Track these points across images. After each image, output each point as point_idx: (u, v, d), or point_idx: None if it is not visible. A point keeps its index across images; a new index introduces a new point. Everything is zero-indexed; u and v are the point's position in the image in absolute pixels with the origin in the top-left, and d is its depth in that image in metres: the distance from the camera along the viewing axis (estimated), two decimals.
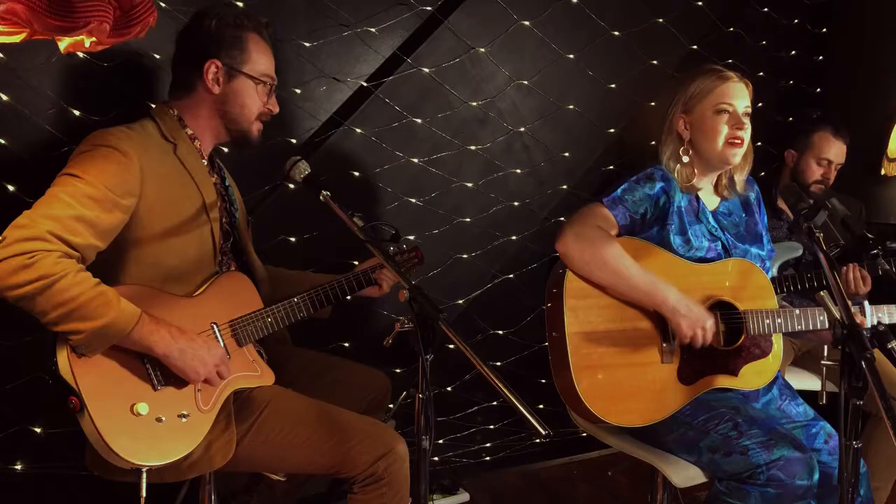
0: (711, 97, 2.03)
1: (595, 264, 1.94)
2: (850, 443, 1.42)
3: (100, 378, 1.57)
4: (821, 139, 2.82)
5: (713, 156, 2.04)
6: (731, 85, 2.03)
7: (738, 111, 2.02)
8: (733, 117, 2.01)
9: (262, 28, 1.89)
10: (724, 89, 2.03)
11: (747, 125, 2.03)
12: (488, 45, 2.68)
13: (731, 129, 2.01)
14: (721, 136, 2.01)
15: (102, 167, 1.62)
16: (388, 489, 1.81)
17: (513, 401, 1.33)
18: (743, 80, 2.06)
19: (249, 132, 1.89)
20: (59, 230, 1.52)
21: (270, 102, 1.90)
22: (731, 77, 2.04)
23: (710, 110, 2.03)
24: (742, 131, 2.01)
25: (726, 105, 2.01)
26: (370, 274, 2.07)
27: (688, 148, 2.07)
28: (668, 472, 1.92)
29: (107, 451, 1.55)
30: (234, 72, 1.82)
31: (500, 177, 2.81)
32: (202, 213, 1.80)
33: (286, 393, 1.87)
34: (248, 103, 1.86)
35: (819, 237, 1.72)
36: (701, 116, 2.04)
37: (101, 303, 1.53)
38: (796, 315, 2.01)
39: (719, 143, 2.02)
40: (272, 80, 1.89)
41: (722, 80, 2.04)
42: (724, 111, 2.02)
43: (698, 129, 2.05)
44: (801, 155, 2.87)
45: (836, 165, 2.84)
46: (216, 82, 1.82)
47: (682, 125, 2.07)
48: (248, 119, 1.87)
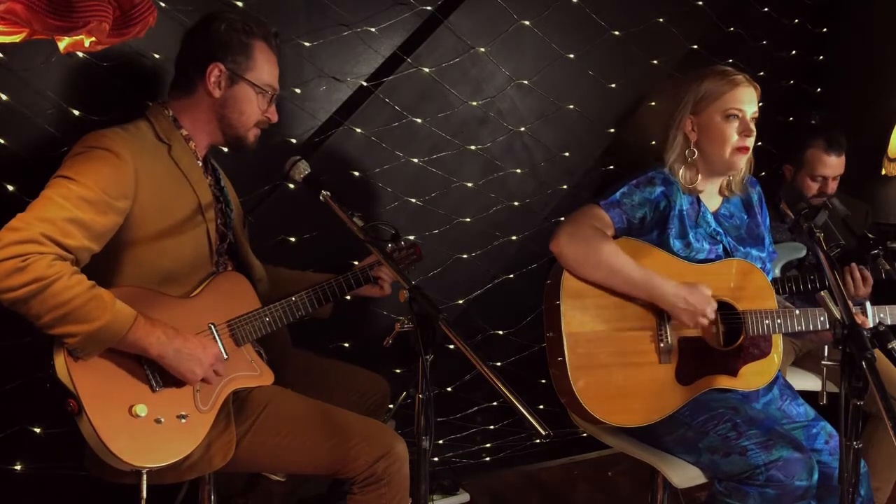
0: (721, 101, 2.00)
1: (590, 263, 1.94)
2: (851, 443, 1.42)
3: (98, 380, 1.57)
4: (813, 156, 2.78)
5: (719, 161, 2.03)
6: (741, 90, 2.00)
7: (746, 117, 2.00)
8: (742, 123, 1.99)
9: (271, 37, 1.88)
10: (735, 94, 2.00)
11: (755, 132, 2.01)
12: (488, 45, 2.68)
13: (741, 136, 1.99)
14: (729, 142, 2.00)
15: (97, 169, 1.61)
16: (388, 490, 1.80)
17: (513, 401, 1.32)
18: (752, 83, 2.03)
19: (245, 138, 1.89)
20: (53, 233, 1.51)
21: (270, 111, 1.90)
22: (741, 81, 2.01)
23: (719, 114, 2.00)
24: (750, 139, 2.00)
25: (736, 111, 1.99)
26: (368, 271, 2.07)
27: (693, 150, 2.05)
28: (667, 472, 1.92)
29: (106, 454, 1.55)
30: (237, 77, 1.82)
31: (500, 177, 2.81)
32: (197, 213, 1.80)
33: (286, 393, 1.87)
34: (247, 110, 1.85)
35: (819, 237, 1.72)
36: (709, 120, 2.02)
37: (96, 306, 1.53)
38: (795, 315, 2.01)
39: (727, 150, 2.00)
40: (274, 90, 1.89)
41: (733, 85, 2.01)
42: (733, 116, 1.99)
43: (706, 132, 2.03)
44: (796, 171, 2.84)
45: (835, 177, 2.80)
46: (217, 86, 1.81)
47: (690, 126, 2.05)
48: (246, 126, 1.87)
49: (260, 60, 1.84)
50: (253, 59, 1.83)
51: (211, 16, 1.85)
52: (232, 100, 1.83)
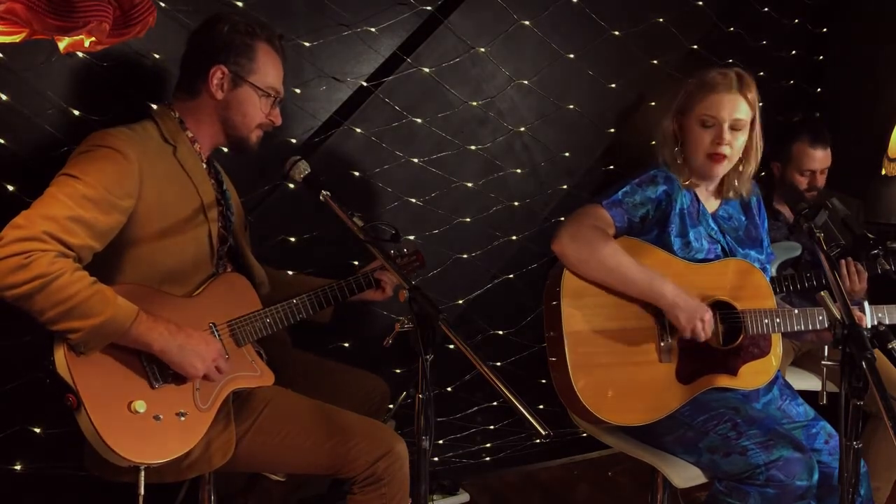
0: (698, 108, 2.00)
1: (591, 262, 1.94)
2: (851, 443, 1.42)
3: (97, 376, 1.57)
4: (799, 151, 2.78)
5: (696, 167, 2.04)
6: (719, 96, 1.98)
7: (722, 124, 1.98)
8: (716, 130, 1.98)
9: (276, 39, 1.88)
10: (710, 101, 1.98)
11: (733, 139, 1.99)
12: (488, 45, 2.68)
13: (712, 143, 1.99)
14: (702, 148, 2.00)
15: (101, 168, 1.62)
16: (388, 490, 1.81)
17: (513, 401, 1.32)
18: (740, 90, 1.98)
19: (248, 139, 1.89)
20: (56, 230, 1.52)
21: (273, 114, 1.90)
22: (720, 87, 1.98)
23: (695, 121, 2.01)
24: (723, 146, 1.98)
25: (709, 118, 1.98)
26: (371, 275, 2.07)
27: (681, 151, 2.06)
28: (667, 472, 1.92)
29: (104, 449, 1.55)
30: (240, 80, 1.82)
31: (500, 177, 2.81)
32: (200, 213, 1.80)
33: (286, 393, 1.87)
34: (250, 113, 1.85)
35: (820, 237, 1.72)
36: (688, 126, 2.03)
37: (99, 300, 1.53)
38: (795, 315, 2.01)
39: (700, 156, 2.01)
40: (277, 92, 1.89)
41: (709, 91, 1.99)
42: (706, 124, 1.99)
43: (685, 135, 2.05)
44: (784, 167, 2.85)
45: (822, 170, 2.81)
46: (220, 88, 1.81)
47: (676, 127, 2.07)
48: (248, 128, 1.87)
49: (263, 63, 1.84)
50: (256, 62, 1.83)
51: (215, 17, 1.84)
52: (235, 102, 1.83)
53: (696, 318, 1.91)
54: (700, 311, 1.92)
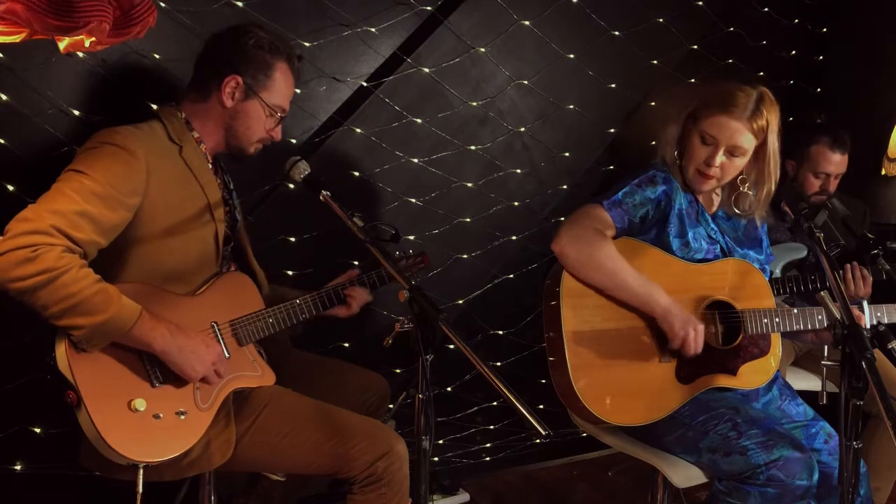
0: (703, 122, 1.96)
1: (591, 265, 1.94)
2: (851, 443, 1.42)
3: (97, 373, 1.58)
4: (817, 153, 2.77)
5: (687, 177, 2.04)
6: (726, 120, 1.93)
7: (720, 146, 1.95)
8: (711, 150, 1.96)
9: (295, 59, 1.91)
10: (717, 120, 1.94)
11: (728, 163, 1.96)
12: (488, 45, 2.68)
13: (704, 161, 1.97)
14: (694, 162, 2.00)
15: (109, 165, 1.62)
16: (388, 489, 1.80)
17: (513, 401, 1.32)
18: (750, 118, 1.92)
19: (246, 150, 1.92)
20: (63, 225, 1.53)
21: (275, 132, 1.93)
22: (733, 110, 1.93)
23: (697, 133, 1.99)
24: (713, 168, 1.97)
25: (709, 136, 1.96)
26: (340, 290, 2.04)
27: (679, 156, 2.05)
28: (668, 472, 1.92)
29: (104, 447, 1.55)
30: (252, 93, 1.84)
31: (500, 177, 2.81)
32: (206, 213, 1.81)
33: (286, 393, 1.87)
34: (254, 126, 1.88)
35: (819, 237, 1.72)
36: (690, 135, 2.01)
37: (103, 299, 1.54)
38: (794, 314, 2.01)
39: (691, 169, 2.01)
40: (283, 112, 1.92)
41: (720, 110, 1.94)
42: (706, 141, 1.97)
43: (685, 144, 2.03)
44: (799, 166, 2.83)
45: (837, 175, 2.79)
46: (231, 97, 1.83)
47: (679, 133, 2.05)
48: (249, 140, 1.90)
49: (278, 81, 1.87)
50: (272, 80, 1.86)
51: (241, 28, 1.86)
52: (242, 113, 1.86)
53: (689, 326, 1.90)
54: (693, 321, 1.92)
